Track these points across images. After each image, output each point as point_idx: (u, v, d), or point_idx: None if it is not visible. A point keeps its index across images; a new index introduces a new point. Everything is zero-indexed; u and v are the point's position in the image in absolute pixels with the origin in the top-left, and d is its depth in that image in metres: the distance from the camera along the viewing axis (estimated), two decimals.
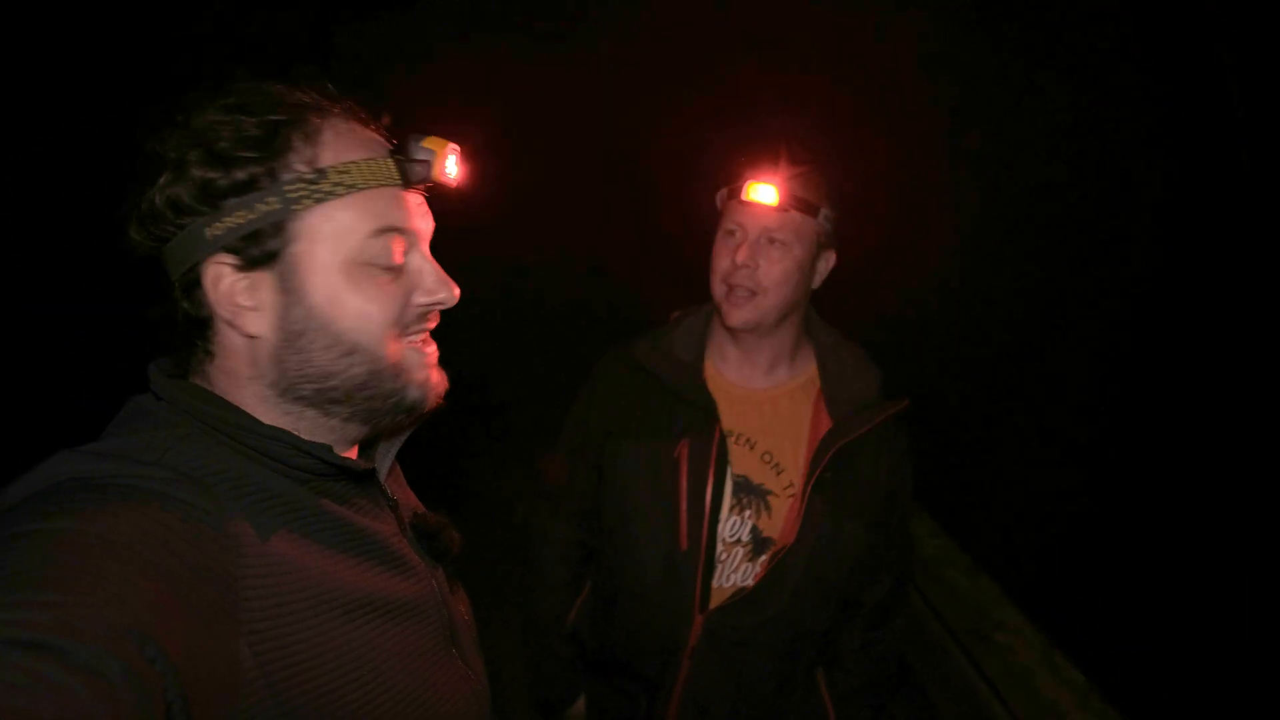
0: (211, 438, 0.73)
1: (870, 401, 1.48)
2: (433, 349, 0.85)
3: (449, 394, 0.90)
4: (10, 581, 0.51)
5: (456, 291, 0.83)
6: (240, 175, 0.72)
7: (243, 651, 0.63)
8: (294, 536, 0.72)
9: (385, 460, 0.92)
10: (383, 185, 0.77)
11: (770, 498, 1.49)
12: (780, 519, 1.48)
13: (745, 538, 1.49)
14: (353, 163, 0.75)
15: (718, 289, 1.48)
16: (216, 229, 0.72)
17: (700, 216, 1.63)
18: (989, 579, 3.06)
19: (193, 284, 0.75)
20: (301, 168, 0.73)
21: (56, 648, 0.47)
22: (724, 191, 1.53)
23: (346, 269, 0.75)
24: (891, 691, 1.58)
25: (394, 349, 0.79)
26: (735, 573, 1.50)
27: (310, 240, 0.74)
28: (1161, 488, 3.22)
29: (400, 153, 0.81)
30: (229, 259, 0.73)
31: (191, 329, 0.77)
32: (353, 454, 0.86)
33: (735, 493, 1.49)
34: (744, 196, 1.43)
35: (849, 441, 1.44)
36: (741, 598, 1.47)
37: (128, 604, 0.53)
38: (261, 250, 0.73)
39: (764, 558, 1.48)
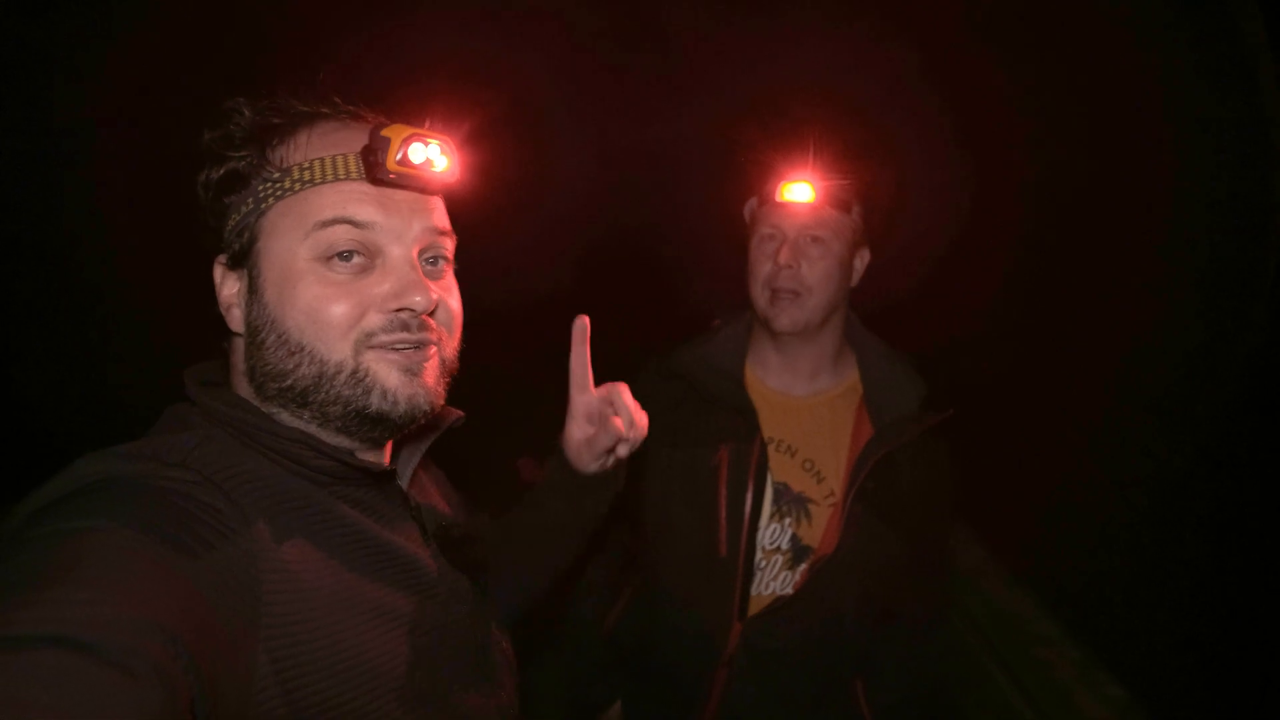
0: (236, 440, 0.75)
1: (913, 411, 1.47)
2: (417, 357, 0.79)
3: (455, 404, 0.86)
4: (42, 581, 0.53)
5: (432, 297, 0.78)
6: (227, 178, 0.78)
7: (259, 655, 0.63)
8: (313, 543, 0.72)
9: (407, 466, 0.91)
10: (344, 180, 0.77)
11: (810, 506, 1.48)
12: (820, 528, 1.47)
13: (785, 546, 1.49)
14: (317, 159, 0.77)
15: (760, 296, 1.49)
16: (221, 231, 0.79)
17: (727, 214, 1.63)
18: (1027, 591, 3.01)
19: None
20: (270, 169, 0.77)
21: (86, 644, 0.48)
22: (754, 200, 1.54)
23: (297, 264, 0.75)
24: (931, 706, 1.56)
25: (351, 352, 0.75)
26: (774, 581, 1.50)
27: (268, 237, 0.77)
28: (1205, 498, 3.14)
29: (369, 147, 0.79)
30: (223, 259, 0.80)
31: (219, 327, 0.83)
32: (385, 458, 0.86)
33: (775, 500, 1.49)
34: (779, 198, 1.45)
35: (891, 451, 1.43)
36: (780, 606, 1.46)
37: (155, 602, 0.54)
38: (239, 247, 0.78)
39: (803, 566, 1.48)
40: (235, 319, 0.80)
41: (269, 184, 0.76)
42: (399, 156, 0.76)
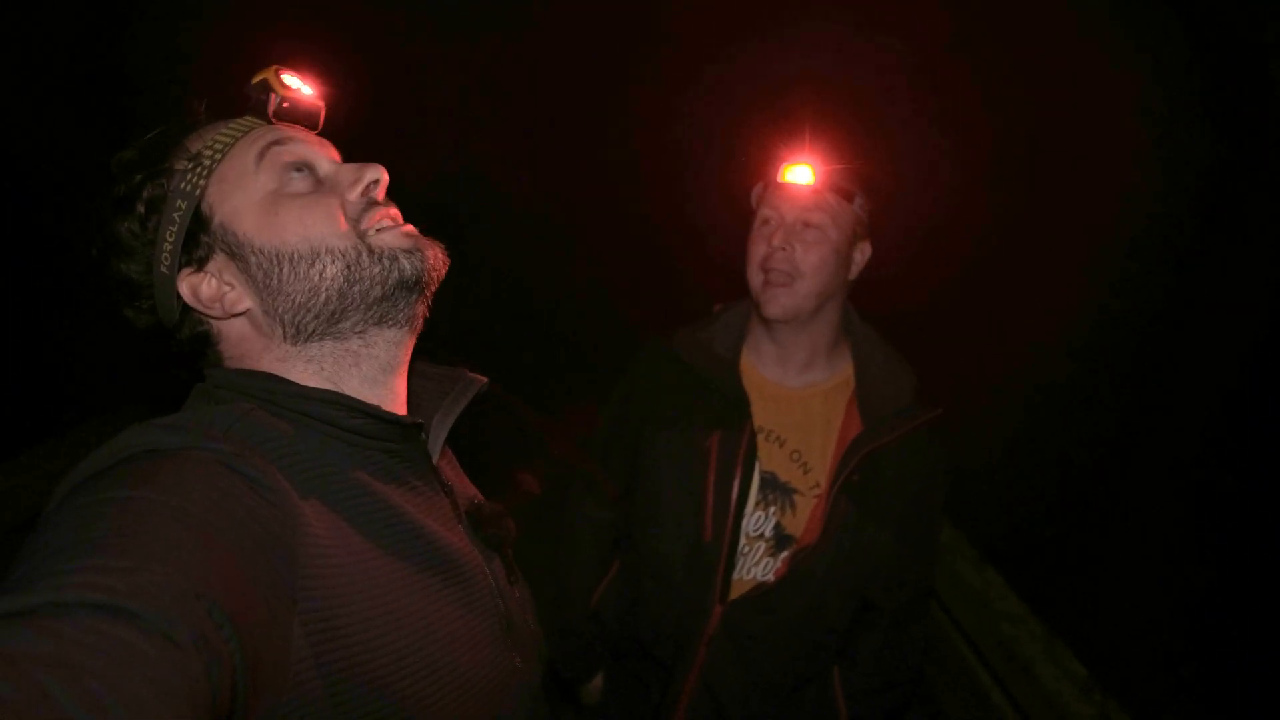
0: (270, 412, 0.75)
1: (904, 408, 1.48)
2: (409, 226, 0.85)
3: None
4: (87, 547, 0.52)
5: (379, 167, 0.84)
6: (151, 203, 0.79)
7: (295, 630, 0.63)
8: (348, 518, 0.73)
9: (437, 440, 0.92)
10: (248, 131, 0.83)
11: (796, 496, 1.50)
12: (804, 518, 1.49)
13: (768, 533, 1.51)
14: (219, 133, 0.82)
15: (754, 278, 1.48)
16: (164, 260, 0.79)
17: (734, 203, 1.62)
18: (995, 570, 3.09)
19: (184, 314, 0.81)
20: (183, 164, 0.80)
21: (130, 612, 0.48)
22: (759, 186, 1.53)
23: (263, 200, 0.79)
24: (907, 696, 1.59)
25: (356, 239, 0.80)
26: (756, 567, 1.52)
27: (220, 202, 0.79)
28: (1166, 480, 3.24)
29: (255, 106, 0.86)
30: (189, 271, 0.80)
31: (200, 348, 0.83)
32: (402, 407, 0.88)
33: (761, 489, 1.50)
34: (779, 179, 1.44)
35: (879, 446, 1.44)
36: (761, 592, 1.49)
37: (197, 571, 0.54)
38: (200, 242, 0.80)
39: (785, 555, 1.50)
40: (236, 296, 0.80)
41: (190, 174, 0.79)
42: (286, 86, 0.86)
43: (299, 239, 0.78)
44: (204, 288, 0.80)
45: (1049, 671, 2.55)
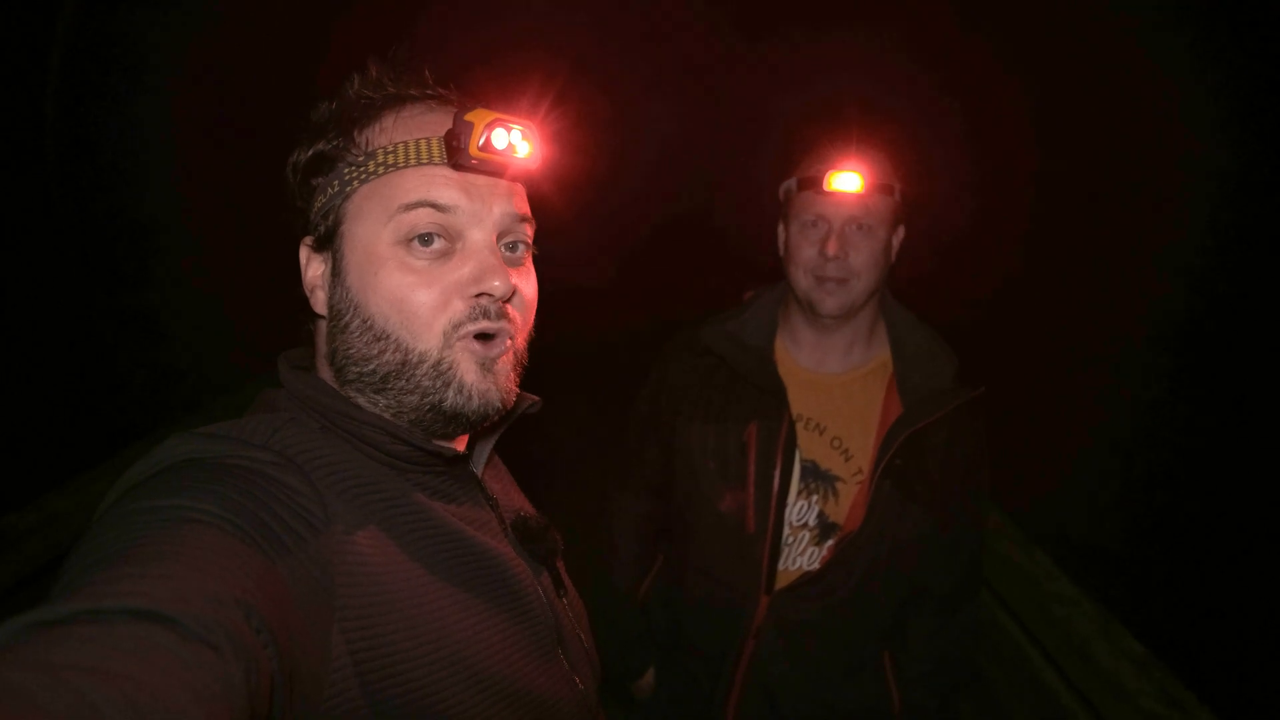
0: (317, 423, 0.75)
1: (944, 387, 1.46)
2: (494, 350, 0.78)
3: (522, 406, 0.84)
4: (127, 555, 0.53)
5: (510, 283, 0.76)
6: (314, 160, 0.78)
7: (335, 639, 0.63)
8: (388, 530, 0.72)
9: (481, 453, 0.91)
10: (427, 164, 0.76)
11: (838, 484, 1.49)
12: (847, 505, 1.48)
13: (812, 522, 1.50)
14: (401, 143, 0.76)
15: (803, 280, 1.48)
16: (308, 213, 0.80)
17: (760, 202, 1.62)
18: (1042, 552, 3.03)
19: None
20: (355, 152, 0.77)
21: (168, 617, 0.48)
22: (792, 182, 1.51)
23: (380, 248, 0.75)
24: (959, 679, 1.57)
25: (435, 342, 0.75)
26: (802, 556, 1.51)
27: (352, 220, 0.77)
28: (1213, 453, 3.16)
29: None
30: (310, 241, 0.80)
31: (305, 311, 0.83)
32: (460, 443, 0.85)
33: (803, 478, 1.50)
34: (826, 187, 1.42)
35: (920, 428, 1.43)
36: (807, 581, 1.48)
37: (234, 577, 0.54)
38: (325, 229, 0.78)
39: (830, 543, 1.49)
40: (319, 301, 0.80)
41: (354, 167, 0.77)
42: (481, 142, 0.75)
43: (380, 313, 0.75)
44: (311, 267, 0.81)
45: (1105, 651, 2.50)
